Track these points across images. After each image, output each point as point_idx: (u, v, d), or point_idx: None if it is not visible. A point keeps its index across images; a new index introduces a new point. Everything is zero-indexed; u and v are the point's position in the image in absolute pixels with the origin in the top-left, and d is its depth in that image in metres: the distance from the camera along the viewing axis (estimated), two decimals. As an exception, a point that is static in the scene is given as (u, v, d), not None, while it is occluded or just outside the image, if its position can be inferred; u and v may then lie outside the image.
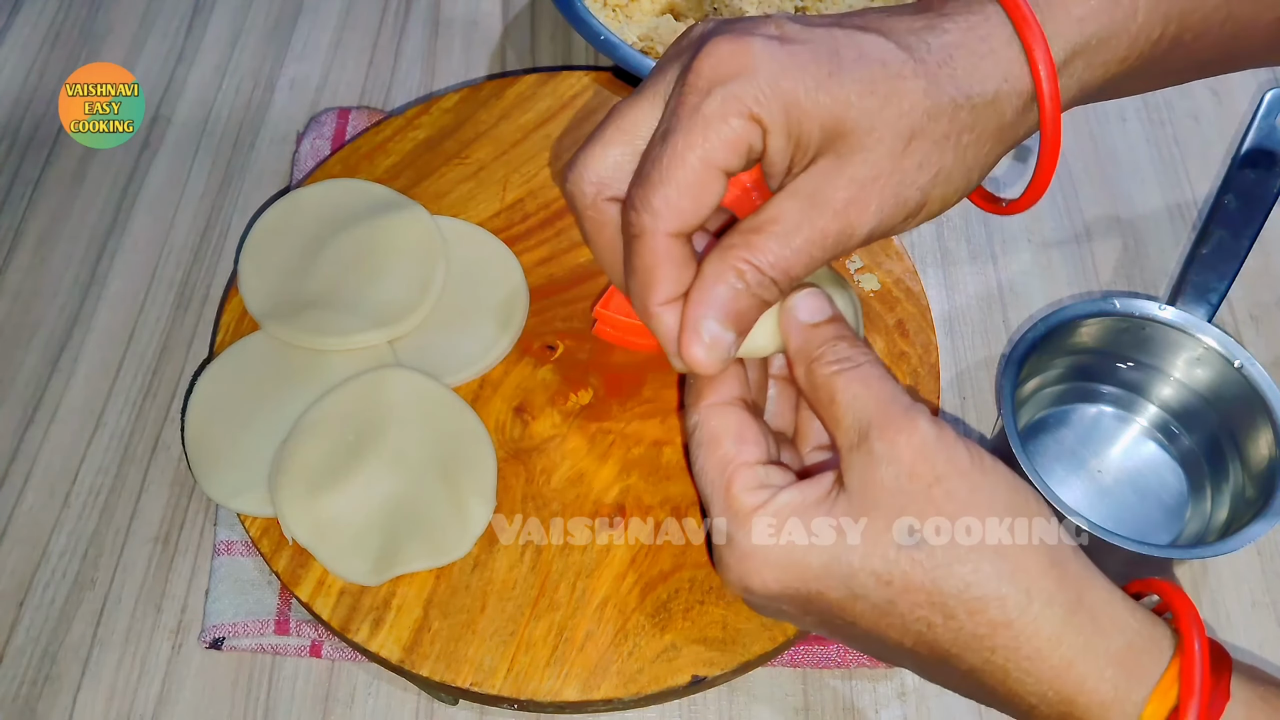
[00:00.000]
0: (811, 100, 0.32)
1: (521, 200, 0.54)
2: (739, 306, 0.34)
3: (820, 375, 0.34)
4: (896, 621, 0.32)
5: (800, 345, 0.35)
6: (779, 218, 0.33)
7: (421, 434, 0.46)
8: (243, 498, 0.45)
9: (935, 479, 0.32)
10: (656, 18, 0.64)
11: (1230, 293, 0.50)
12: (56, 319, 0.54)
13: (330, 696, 0.45)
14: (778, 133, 0.33)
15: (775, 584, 0.33)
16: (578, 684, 0.41)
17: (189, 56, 0.64)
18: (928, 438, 0.32)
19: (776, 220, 0.33)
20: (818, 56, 0.33)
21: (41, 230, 0.57)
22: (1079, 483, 0.50)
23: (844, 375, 0.34)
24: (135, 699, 0.44)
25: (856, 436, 0.33)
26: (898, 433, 0.32)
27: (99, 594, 0.46)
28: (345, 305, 0.49)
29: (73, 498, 0.49)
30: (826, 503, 0.33)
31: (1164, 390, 0.51)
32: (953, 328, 0.56)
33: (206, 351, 0.53)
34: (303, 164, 0.58)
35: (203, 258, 0.56)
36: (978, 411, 0.53)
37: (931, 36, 0.34)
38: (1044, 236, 0.59)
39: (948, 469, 0.32)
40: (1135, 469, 0.50)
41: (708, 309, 0.34)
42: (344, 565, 0.43)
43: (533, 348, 0.50)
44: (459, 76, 0.64)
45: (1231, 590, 0.48)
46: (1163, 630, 0.32)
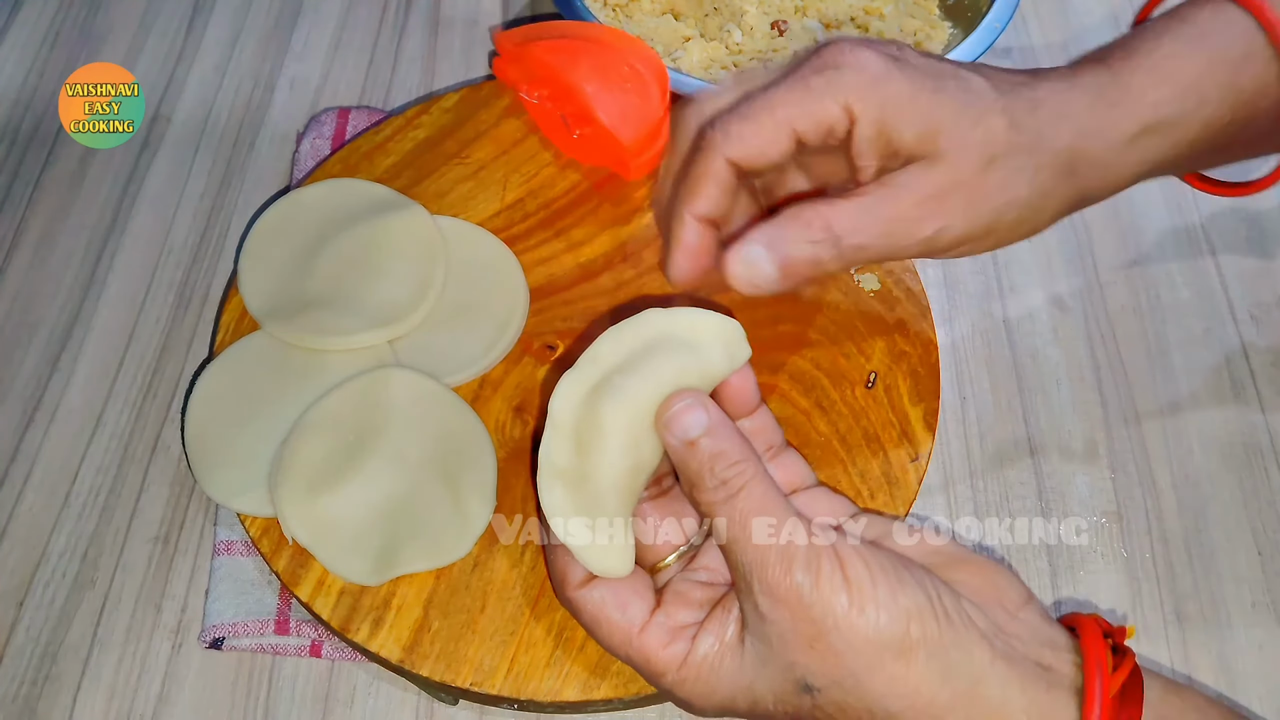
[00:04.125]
0: (911, 106, 0.37)
1: (521, 200, 0.54)
2: (794, 252, 0.37)
3: (703, 504, 0.36)
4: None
5: (679, 463, 0.36)
6: (865, 192, 0.37)
7: (421, 434, 0.46)
8: (243, 498, 0.45)
9: (815, 636, 0.33)
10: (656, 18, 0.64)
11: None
12: (56, 319, 0.54)
13: (330, 696, 0.45)
14: (868, 125, 0.37)
15: (719, 710, 0.36)
16: (578, 684, 0.41)
17: (189, 56, 0.64)
18: (803, 593, 0.33)
19: (863, 194, 0.37)
20: (925, 75, 0.38)
21: (41, 230, 0.57)
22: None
23: (723, 511, 0.35)
24: (135, 699, 0.44)
25: (743, 584, 0.34)
26: (773, 591, 0.33)
27: (99, 594, 0.46)
28: (345, 305, 0.49)
29: (73, 498, 0.49)
30: (734, 645, 0.35)
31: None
32: (953, 328, 0.56)
33: (206, 351, 0.53)
34: (303, 164, 0.58)
35: (203, 258, 0.56)
36: (978, 411, 0.53)
37: (1025, 90, 0.39)
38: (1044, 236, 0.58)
39: (825, 622, 0.33)
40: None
41: (766, 237, 0.37)
42: (344, 565, 0.43)
43: (533, 348, 0.50)
44: (459, 76, 0.64)
45: (1232, 590, 0.48)
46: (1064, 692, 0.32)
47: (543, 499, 0.36)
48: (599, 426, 0.36)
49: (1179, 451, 0.52)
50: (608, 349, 0.37)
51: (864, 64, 0.37)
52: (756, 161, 0.38)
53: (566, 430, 0.37)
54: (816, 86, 0.37)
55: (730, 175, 0.38)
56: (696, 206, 0.38)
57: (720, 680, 0.35)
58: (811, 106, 0.37)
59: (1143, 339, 0.56)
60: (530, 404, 0.48)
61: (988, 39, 0.59)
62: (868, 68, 0.37)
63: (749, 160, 0.38)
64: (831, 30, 0.64)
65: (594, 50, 0.54)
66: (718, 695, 0.35)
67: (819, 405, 0.48)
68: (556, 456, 0.36)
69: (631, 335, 0.37)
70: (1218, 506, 0.51)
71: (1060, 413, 0.53)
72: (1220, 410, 0.53)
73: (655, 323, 0.38)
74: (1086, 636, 0.33)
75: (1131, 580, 0.49)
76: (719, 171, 0.38)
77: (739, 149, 0.37)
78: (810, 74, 0.37)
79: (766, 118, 0.37)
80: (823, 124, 0.37)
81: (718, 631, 0.35)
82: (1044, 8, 0.69)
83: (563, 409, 0.37)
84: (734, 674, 0.35)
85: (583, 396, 0.37)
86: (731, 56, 0.62)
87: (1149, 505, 0.51)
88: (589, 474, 0.36)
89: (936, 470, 0.51)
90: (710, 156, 0.38)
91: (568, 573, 0.37)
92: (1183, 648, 0.47)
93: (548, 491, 0.36)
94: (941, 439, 0.52)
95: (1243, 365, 0.55)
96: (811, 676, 0.33)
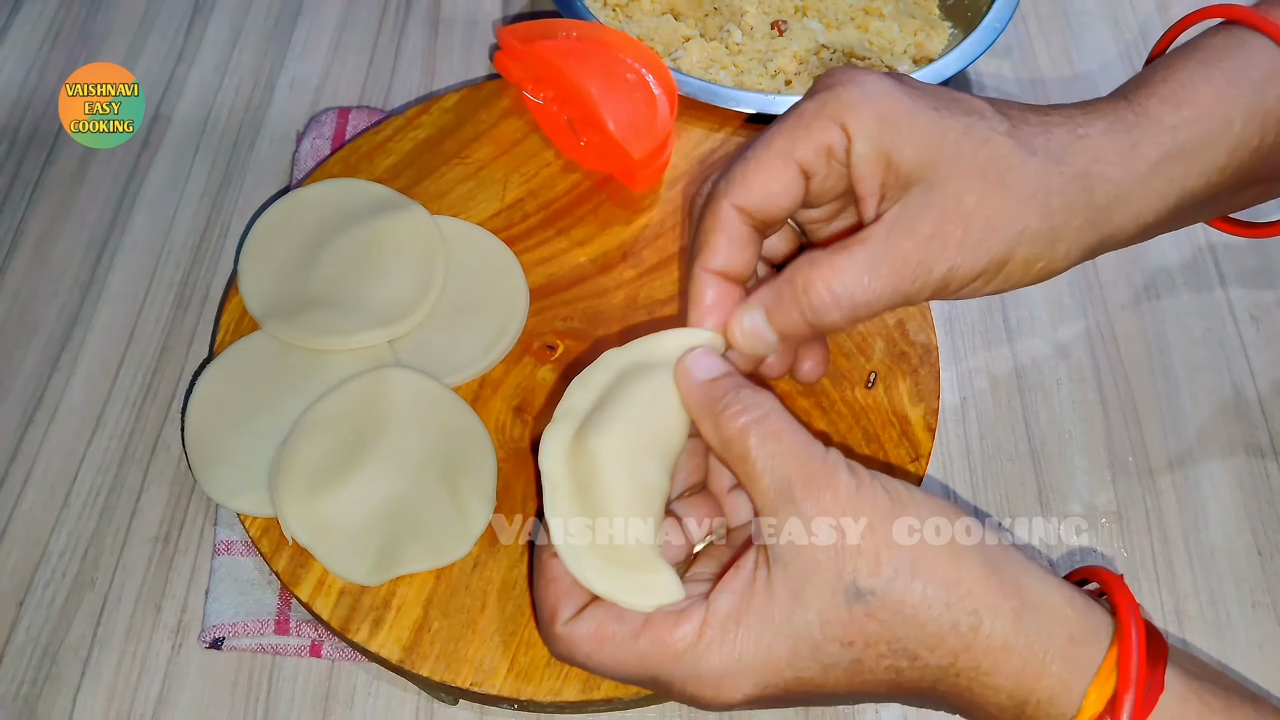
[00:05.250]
0: (910, 122, 0.34)
1: (521, 200, 0.54)
2: (791, 321, 0.35)
3: (729, 428, 0.34)
4: (867, 677, 0.32)
5: (702, 400, 0.35)
6: (867, 239, 0.35)
7: (421, 434, 0.46)
8: (243, 498, 0.45)
9: (866, 529, 0.32)
10: (657, 18, 0.64)
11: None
12: (56, 319, 0.54)
13: (330, 696, 0.45)
14: (864, 141, 0.34)
15: (755, 689, 0.33)
16: (578, 684, 0.41)
17: (189, 56, 0.64)
18: (851, 490, 0.32)
19: (864, 241, 0.35)
20: (927, 96, 0.35)
21: (41, 230, 0.57)
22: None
23: (754, 429, 0.33)
24: (135, 699, 0.44)
25: (777, 496, 0.32)
26: (822, 490, 0.32)
27: (99, 594, 0.46)
28: (345, 305, 0.49)
29: (73, 498, 0.49)
30: (762, 587, 0.32)
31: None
32: (953, 328, 0.56)
33: (206, 351, 0.53)
34: (303, 164, 0.58)
35: (203, 258, 0.56)
36: (978, 411, 0.53)
37: (1034, 115, 0.36)
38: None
39: (875, 517, 0.32)
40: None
41: (765, 302, 0.36)
42: (344, 565, 0.43)
43: (533, 348, 0.50)
44: (459, 76, 0.64)
45: (1232, 590, 0.48)
46: (1100, 616, 0.32)
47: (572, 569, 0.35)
48: (593, 462, 0.35)
49: (1179, 451, 0.52)
50: (578, 397, 0.37)
51: (860, 81, 0.35)
52: (766, 204, 0.36)
53: (564, 482, 0.36)
54: (810, 110, 0.35)
55: (741, 224, 0.36)
56: (708, 261, 0.37)
57: (749, 633, 0.32)
58: (807, 130, 0.35)
59: (1143, 339, 0.56)
60: (530, 404, 0.48)
61: (988, 39, 0.59)
62: (864, 84, 0.35)
63: (757, 203, 0.36)
64: (831, 30, 0.64)
65: (602, 56, 0.53)
66: (747, 656, 0.32)
67: (819, 405, 0.48)
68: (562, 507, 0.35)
69: (599, 377, 0.37)
70: (1218, 506, 0.51)
71: (1060, 413, 0.53)
72: (1220, 410, 0.53)
73: (615, 361, 0.37)
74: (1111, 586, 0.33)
75: (1131, 580, 0.49)
76: (727, 221, 0.36)
77: (743, 193, 0.36)
78: (805, 101, 0.36)
79: (765, 153, 0.36)
80: (821, 147, 0.35)
81: (735, 584, 0.33)
82: (1044, 8, 0.69)
83: (554, 464, 0.36)
84: (764, 618, 0.32)
85: (568, 446, 0.36)
86: (731, 57, 0.62)
87: (1149, 505, 0.51)
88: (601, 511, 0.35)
89: (936, 470, 0.51)
90: (717, 206, 0.36)
91: (559, 607, 0.35)
92: (1183, 648, 0.47)
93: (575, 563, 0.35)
94: (941, 439, 0.52)
95: (1243, 365, 0.55)
96: (863, 578, 0.31)
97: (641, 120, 0.52)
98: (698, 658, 0.32)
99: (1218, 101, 0.37)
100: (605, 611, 0.34)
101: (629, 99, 0.52)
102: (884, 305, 0.35)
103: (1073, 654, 0.31)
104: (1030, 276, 0.36)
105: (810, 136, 0.35)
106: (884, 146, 0.35)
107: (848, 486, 0.32)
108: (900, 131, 0.34)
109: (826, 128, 0.35)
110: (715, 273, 0.37)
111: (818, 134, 0.35)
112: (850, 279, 0.34)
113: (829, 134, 0.35)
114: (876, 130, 0.34)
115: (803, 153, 0.35)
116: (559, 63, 0.53)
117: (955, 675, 0.32)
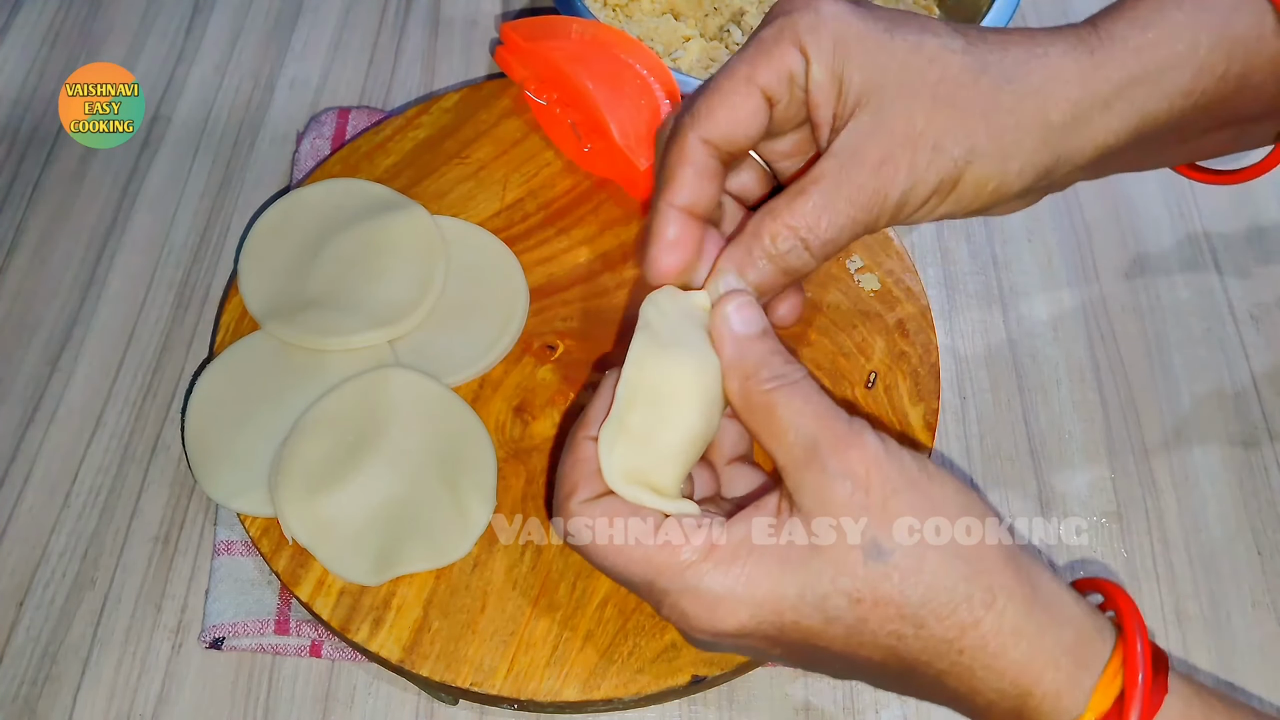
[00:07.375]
0: (860, 44, 0.34)
1: (521, 200, 0.54)
2: (764, 273, 0.36)
3: (757, 393, 0.34)
4: (868, 639, 0.32)
5: (735, 358, 0.35)
6: (820, 177, 0.35)
7: (421, 434, 0.46)
8: (243, 498, 0.45)
9: (892, 491, 0.32)
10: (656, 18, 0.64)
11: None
12: (56, 319, 0.54)
13: (330, 696, 0.45)
14: (820, 64, 0.34)
15: (751, 621, 0.32)
16: (578, 684, 0.41)
17: (189, 56, 0.64)
18: (878, 452, 0.32)
19: (818, 180, 0.35)
20: (879, 17, 0.35)
21: (41, 230, 0.57)
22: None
23: (782, 391, 0.33)
24: (135, 699, 0.44)
25: (803, 453, 0.32)
26: (849, 447, 0.32)
27: (99, 594, 0.46)
28: (345, 305, 0.49)
29: (73, 498, 0.49)
30: (783, 525, 0.32)
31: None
32: (953, 327, 0.56)
33: (206, 351, 0.53)
34: (303, 164, 0.58)
35: (203, 258, 0.56)
36: (978, 411, 0.53)
37: (992, 35, 0.36)
38: (1044, 235, 0.59)
39: (901, 481, 0.32)
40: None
41: (734, 262, 0.36)
42: (344, 565, 0.43)
43: (533, 348, 0.50)
44: (459, 76, 0.64)
45: (1232, 590, 0.48)
46: (1103, 621, 0.32)
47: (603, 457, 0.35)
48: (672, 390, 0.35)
49: (1179, 451, 0.52)
50: (652, 314, 0.37)
51: (815, 5, 0.35)
52: (731, 133, 0.35)
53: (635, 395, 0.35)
54: (770, 37, 0.35)
55: (707, 157, 0.36)
56: (674, 196, 0.36)
57: (760, 564, 0.32)
58: (768, 56, 0.35)
59: (1143, 339, 0.56)
60: (530, 404, 0.48)
61: (988, 39, 0.59)
62: (819, 8, 0.35)
63: (723, 134, 0.35)
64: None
65: (606, 61, 0.53)
66: (752, 585, 0.32)
67: (819, 405, 0.48)
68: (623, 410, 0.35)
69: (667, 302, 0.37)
70: (1218, 506, 0.51)
71: (1060, 413, 0.53)
72: (1220, 410, 0.53)
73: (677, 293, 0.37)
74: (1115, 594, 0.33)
75: (1131, 580, 0.49)
76: (693, 153, 0.36)
77: (709, 124, 0.35)
78: (764, 28, 0.36)
79: (728, 82, 0.35)
80: (783, 72, 0.35)
81: (755, 517, 0.32)
82: (1044, 8, 0.69)
83: (636, 370, 0.35)
84: (779, 554, 0.32)
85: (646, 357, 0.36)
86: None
87: (1149, 505, 0.51)
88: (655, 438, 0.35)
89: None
90: (683, 140, 0.36)
91: (580, 484, 0.34)
92: (1183, 648, 0.47)
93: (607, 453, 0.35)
94: (941, 439, 0.52)
95: (1243, 365, 0.55)
96: (884, 537, 0.31)
97: (646, 129, 0.52)
98: (702, 574, 0.32)
99: (1185, 25, 0.36)
100: (624, 504, 0.34)
101: (634, 106, 0.52)
102: (850, 237, 0.35)
103: (1080, 650, 0.31)
104: (985, 197, 0.36)
105: (771, 62, 0.35)
106: (836, 70, 0.34)
107: (875, 449, 0.32)
108: (850, 54, 0.34)
109: (786, 52, 0.35)
110: (681, 208, 0.36)
111: (778, 59, 0.35)
112: (812, 220, 0.35)
113: (789, 58, 0.35)
114: (830, 54, 0.34)
115: (765, 79, 0.35)
116: (565, 67, 0.52)
117: (959, 652, 0.31)
